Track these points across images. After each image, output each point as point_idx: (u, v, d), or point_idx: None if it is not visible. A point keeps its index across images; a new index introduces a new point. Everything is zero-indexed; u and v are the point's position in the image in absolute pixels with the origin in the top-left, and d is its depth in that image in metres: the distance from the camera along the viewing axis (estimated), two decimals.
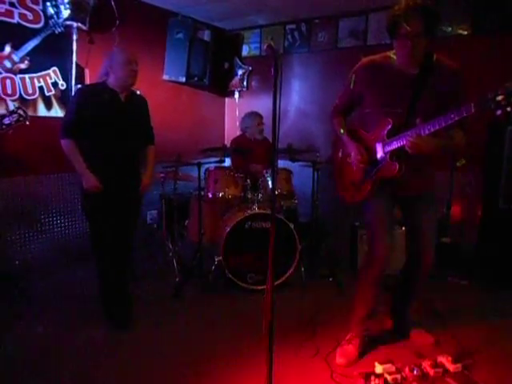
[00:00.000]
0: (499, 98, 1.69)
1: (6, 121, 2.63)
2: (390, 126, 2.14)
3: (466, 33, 3.84)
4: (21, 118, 2.66)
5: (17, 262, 3.37)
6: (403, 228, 2.96)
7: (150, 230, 4.31)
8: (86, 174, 2.56)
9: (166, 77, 4.53)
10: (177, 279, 3.32)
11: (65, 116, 2.79)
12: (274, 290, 1.71)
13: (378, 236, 2.26)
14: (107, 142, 2.62)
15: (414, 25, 1.95)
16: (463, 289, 3.29)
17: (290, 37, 4.90)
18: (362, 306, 2.38)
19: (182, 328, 2.67)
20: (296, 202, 3.70)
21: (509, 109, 1.69)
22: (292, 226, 3.25)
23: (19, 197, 3.42)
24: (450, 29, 3.87)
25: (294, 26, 4.85)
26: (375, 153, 2.23)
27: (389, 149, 2.15)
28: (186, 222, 3.87)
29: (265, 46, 1.67)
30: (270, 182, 3.48)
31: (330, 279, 3.42)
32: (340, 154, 2.49)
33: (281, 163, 3.76)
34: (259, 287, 3.11)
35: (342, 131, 2.39)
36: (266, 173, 3.53)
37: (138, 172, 2.79)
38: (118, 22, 3.85)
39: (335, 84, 4.44)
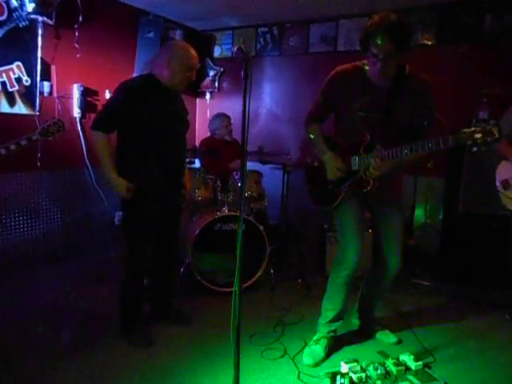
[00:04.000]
0: (477, 135, 1.74)
1: None
2: (366, 142, 2.16)
3: (430, 43, 4.00)
4: None
5: None
6: (370, 230, 3.04)
7: (118, 230, 4.22)
8: (113, 177, 2.33)
9: (136, 75, 4.45)
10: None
11: (104, 107, 2.45)
12: (243, 291, 1.72)
13: (349, 239, 2.30)
14: (159, 142, 2.36)
15: (383, 46, 1.95)
16: (426, 289, 3.40)
17: (262, 39, 4.93)
18: (330, 308, 2.42)
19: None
20: (266, 204, 3.72)
21: (483, 148, 1.75)
22: (262, 228, 3.27)
23: None
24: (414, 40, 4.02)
25: (266, 29, 4.89)
26: (350, 165, 2.24)
27: (364, 165, 2.16)
28: None
29: (235, 48, 1.68)
30: (240, 184, 3.48)
31: (299, 281, 3.46)
32: (312, 160, 2.50)
33: (251, 165, 3.78)
34: (228, 289, 3.10)
35: (315, 139, 2.38)
36: (237, 174, 3.53)
37: (183, 174, 2.63)
38: (82, 18, 3.76)
39: (306, 88, 4.56)
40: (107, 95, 4.19)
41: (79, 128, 3.98)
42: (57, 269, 3.59)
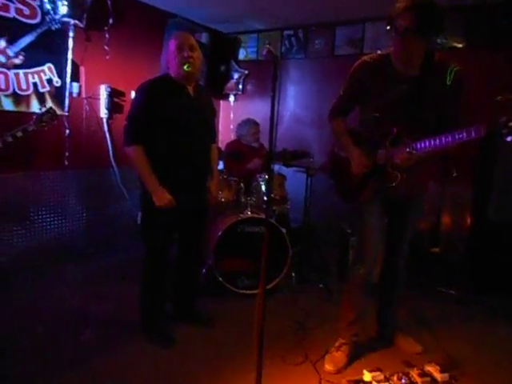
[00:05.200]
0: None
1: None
2: (393, 135, 2.09)
3: (460, 46, 3.90)
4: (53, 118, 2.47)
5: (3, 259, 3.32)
6: None
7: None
8: (157, 190, 2.27)
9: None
10: None
11: (129, 119, 2.36)
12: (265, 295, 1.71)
13: (367, 240, 2.27)
14: (179, 143, 2.31)
15: (404, 20, 1.87)
16: (452, 299, 3.31)
17: (287, 42, 4.93)
18: (349, 309, 2.39)
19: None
20: (288, 207, 3.70)
21: None
22: (284, 231, 3.25)
23: (8, 193, 3.37)
24: (444, 41, 3.93)
25: (291, 32, 4.88)
26: (377, 159, 2.18)
27: (391, 158, 2.10)
28: None
29: (264, 51, 1.67)
30: (263, 187, 3.48)
31: (321, 285, 3.43)
32: (339, 149, 2.43)
33: (275, 168, 3.77)
34: (249, 292, 3.09)
35: (340, 132, 2.33)
36: (260, 177, 3.53)
37: (207, 176, 2.56)
38: (111, 20, 3.84)
39: (331, 91, 4.47)
40: (133, 96, 4.25)
41: (106, 128, 4.05)
42: (81, 266, 3.65)
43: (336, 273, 3.71)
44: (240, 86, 5.28)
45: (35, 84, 3.44)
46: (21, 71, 3.32)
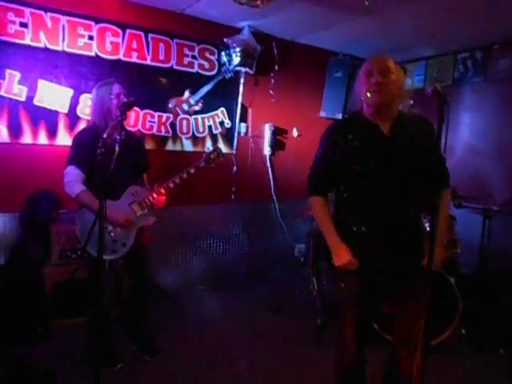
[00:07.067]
0: None
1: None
2: None
3: None
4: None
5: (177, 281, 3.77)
6: None
7: (297, 263, 4.34)
8: (337, 247, 1.86)
9: (323, 114, 4.58)
10: (318, 321, 3.21)
11: (312, 168, 2.02)
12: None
13: None
14: (372, 193, 1.83)
15: None
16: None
17: (461, 66, 4.45)
18: None
19: (320, 375, 2.53)
20: (458, 251, 3.23)
21: None
22: (452, 280, 2.83)
23: (185, 223, 3.85)
24: None
25: (466, 55, 4.39)
26: None
27: None
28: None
29: (429, 90, 1.52)
30: (427, 228, 3.12)
31: (501, 351, 2.83)
32: None
33: None
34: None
35: None
36: (424, 218, 3.18)
37: (421, 236, 1.91)
38: (277, 66, 4.11)
39: None
40: (295, 133, 4.43)
41: (268, 165, 4.30)
42: (239, 294, 3.88)
43: None
44: None
45: (210, 127, 3.91)
46: (199, 116, 3.83)
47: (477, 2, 3.10)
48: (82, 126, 3.18)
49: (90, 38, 3.23)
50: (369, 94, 1.80)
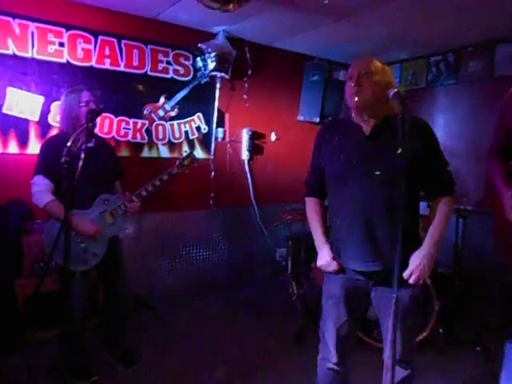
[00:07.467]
0: None
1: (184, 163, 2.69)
2: None
3: None
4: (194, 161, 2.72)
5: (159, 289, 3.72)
6: None
7: (279, 267, 4.33)
8: (320, 248, 1.88)
9: (300, 118, 4.60)
10: (298, 325, 3.21)
11: (308, 174, 2.04)
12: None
13: None
14: (350, 194, 1.77)
15: None
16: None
17: (434, 69, 4.53)
18: None
19: (301, 378, 2.52)
20: None
21: None
22: (428, 281, 2.85)
23: (164, 230, 3.80)
24: None
25: (439, 58, 4.48)
26: None
27: None
28: (312, 263, 3.76)
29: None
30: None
31: (478, 348, 2.87)
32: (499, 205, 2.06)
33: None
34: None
35: (498, 177, 2.03)
36: None
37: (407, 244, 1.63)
38: (250, 71, 4.13)
39: (490, 116, 3.91)
40: (273, 137, 4.44)
41: (247, 169, 4.29)
42: (221, 298, 3.85)
43: (498, 332, 3.08)
44: None
45: (186, 132, 3.88)
46: (175, 122, 3.80)
47: (449, 6, 3.16)
48: (53, 134, 3.12)
49: (61, 44, 3.17)
50: (349, 97, 1.78)
